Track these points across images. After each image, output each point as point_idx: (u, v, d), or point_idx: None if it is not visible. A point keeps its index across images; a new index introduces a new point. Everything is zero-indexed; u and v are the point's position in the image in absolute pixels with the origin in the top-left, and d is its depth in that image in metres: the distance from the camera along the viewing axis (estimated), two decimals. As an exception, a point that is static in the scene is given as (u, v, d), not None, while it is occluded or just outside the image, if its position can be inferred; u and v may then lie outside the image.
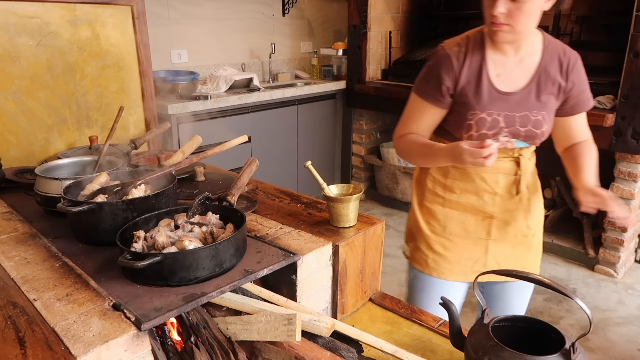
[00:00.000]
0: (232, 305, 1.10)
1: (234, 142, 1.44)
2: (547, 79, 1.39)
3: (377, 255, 1.36)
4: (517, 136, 1.41)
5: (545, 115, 1.41)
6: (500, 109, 1.38)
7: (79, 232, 1.21)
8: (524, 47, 1.38)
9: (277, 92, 3.53)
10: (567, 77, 1.41)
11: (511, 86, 1.39)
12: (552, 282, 0.91)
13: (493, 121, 1.38)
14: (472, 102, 1.38)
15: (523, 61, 1.39)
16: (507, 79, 1.39)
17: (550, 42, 1.42)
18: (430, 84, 1.41)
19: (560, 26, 3.46)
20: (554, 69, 1.40)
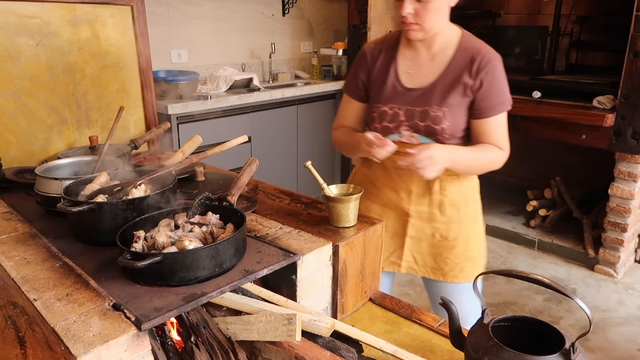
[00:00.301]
0: (232, 305, 1.10)
1: (234, 142, 1.44)
2: (455, 77, 1.40)
3: (377, 255, 1.36)
4: (417, 131, 1.44)
5: (447, 112, 1.40)
6: (402, 103, 1.44)
7: (79, 232, 1.21)
8: (436, 44, 1.43)
9: (277, 92, 3.53)
10: (476, 77, 1.39)
11: (418, 82, 1.44)
12: (552, 282, 0.91)
13: (394, 114, 1.44)
14: (377, 95, 1.48)
15: (434, 58, 1.44)
16: (416, 75, 1.45)
17: (468, 41, 1.43)
18: (350, 79, 1.56)
19: (560, 26, 3.47)
20: (464, 66, 1.40)
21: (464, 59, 1.40)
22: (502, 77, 1.42)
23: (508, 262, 3.32)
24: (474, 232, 1.56)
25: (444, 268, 1.55)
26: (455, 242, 1.53)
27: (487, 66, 1.38)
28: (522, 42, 3.69)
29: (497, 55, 1.42)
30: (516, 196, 4.02)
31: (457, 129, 1.43)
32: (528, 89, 3.19)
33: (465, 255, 1.54)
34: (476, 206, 1.58)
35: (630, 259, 3.28)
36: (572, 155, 3.87)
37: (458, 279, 1.56)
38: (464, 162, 1.41)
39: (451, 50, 1.42)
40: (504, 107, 1.43)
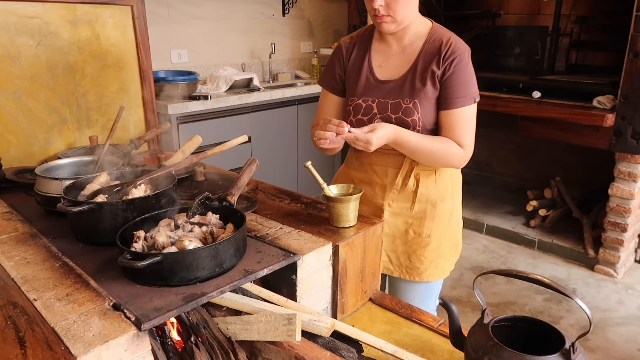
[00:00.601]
0: (232, 305, 1.10)
1: (234, 142, 1.44)
2: (424, 67, 1.41)
3: (377, 255, 1.36)
4: (390, 123, 1.42)
5: (418, 103, 1.40)
6: (375, 96, 1.45)
7: (79, 232, 1.21)
8: (407, 36, 1.44)
9: (277, 92, 3.53)
10: (442, 65, 1.38)
11: (390, 75, 1.45)
12: (552, 282, 0.91)
13: (367, 107, 1.46)
14: (352, 89, 1.50)
15: (405, 50, 1.45)
16: (388, 68, 1.46)
17: (438, 32, 1.43)
18: (327, 73, 1.58)
19: (560, 26, 3.47)
20: (432, 56, 1.40)
21: (433, 49, 1.40)
22: (468, 70, 1.39)
23: (508, 262, 3.32)
24: (448, 229, 1.55)
25: (419, 267, 1.54)
26: (429, 239, 1.52)
27: (452, 56, 1.37)
28: (522, 42, 3.69)
29: (465, 47, 1.40)
30: (516, 196, 4.02)
31: (430, 122, 1.42)
32: (528, 89, 3.19)
33: (438, 251, 1.54)
34: (454, 202, 1.56)
35: (630, 259, 3.28)
36: (572, 155, 3.88)
37: (433, 277, 1.55)
38: (410, 147, 1.38)
39: (420, 42, 1.43)
40: (467, 102, 1.40)
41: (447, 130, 1.42)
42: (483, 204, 3.95)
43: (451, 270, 1.61)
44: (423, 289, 1.59)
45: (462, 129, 1.42)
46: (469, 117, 1.42)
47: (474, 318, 1.56)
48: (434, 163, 1.46)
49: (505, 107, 3.20)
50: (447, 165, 1.47)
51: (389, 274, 1.59)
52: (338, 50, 1.55)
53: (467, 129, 1.43)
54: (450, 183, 1.53)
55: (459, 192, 1.59)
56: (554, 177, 3.66)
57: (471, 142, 1.45)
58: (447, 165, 1.47)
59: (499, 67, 3.81)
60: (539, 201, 3.64)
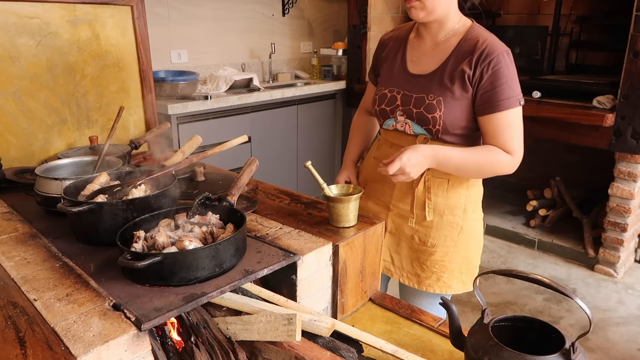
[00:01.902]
0: (232, 305, 1.10)
1: (234, 142, 1.44)
2: (454, 66, 1.37)
3: (377, 255, 1.36)
4: (411, 117, 1.42)
5: (442, 101, 1.35)
6: (401, 88, 1.45)
7: (79, 232, 1.21)
8: (442, 32, 1.42)
9: (277, 92, 3.52)
10: (476, 68, 1.32)
11: (421, 69, 1.44)
12: (552, 282, 0.91)
13: (391, 98, 1.46)
14: (382, 79, 1.52)
15: (438, 47, 1.43)
16: (420, 62, 1.45)
17: (475, 32, 1.39)
18: (371, 66, 1.64)
19: (560, 26, 3.47)
20: (465, 55, 1.35)
21: (467, 48, 1.36)
22: (509, 72, 1.32)
23: (508, 262, 3.32)
24: (457, 243, 1.47)
25: (420, 274, 1.50)
26: (434, 249, 1.47)
27: (488, 58, 1.31)
28: (522, 42, 3.69)
29: (504, 48, 1.33)
30: (516, 196, 4.02)
31: (453, 123, 1.36)
32: (528, 89, 3.19)
33: (443, 264, 1.48)
34: (466, 217, 1.47)
35: (630, 258, 3.28)
36: (572, 155, 3.87)
37: (433, 288, 1.50)
38: (453, 165, 1.33)
39: (456, 40, 1.39)
40: (511, 104, 1.31)
41: (492, 136, 1.34)
42: (483, 204, 3.94)
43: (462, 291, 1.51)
44: (423, 298, 1.54)
45: (508, 134, 1.33)
46: (514, 121, 1.34)
47: (474, 318, 1.57)
48: (481, 176, 1.41)
49: (505, 107, 3.19)
50: (496, 174, 1.38)
51: (389, 275, 1.57)
52: (378, 45, 1.60)
53: (513, 133, 1.34)
54: (464, 196, 1.45)
55: (474, 207, 1.50)
56: (554, 177, 3.66)
57: (520, 147, 1.36)
58: (495, 175, 1.38)
59: (499, 67, 3.80)
60: (539, 201, 3.64)
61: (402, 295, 1.64)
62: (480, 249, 1.56)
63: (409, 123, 1.42)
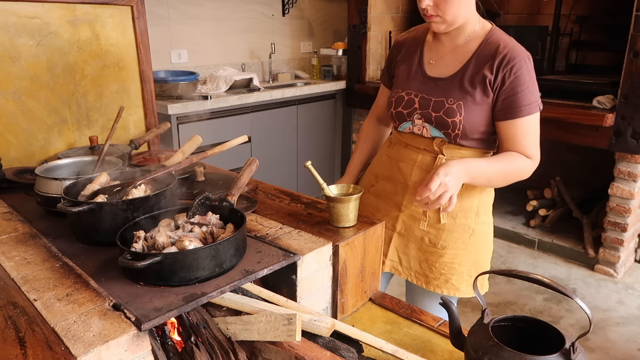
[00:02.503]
0: (232, 305, 1.10)
1: (234, 142, 1.44)
2: (475, 70, 1.35)
3: (377, 255, 1.36)
4: (429, 121, 1.40)
5: (463, 105, 1.35)
6: (419, 91, 1.43)
7: (79, 232, 1.21)
8: (461, 36, 1.40)
9: (277, 92, 3.53)
10: (497, 73, 1.32)
11: (439, 72, 1.42)
12: (552, 282, 0.91)
13: (409, 101, 1.43)
14: (399, 80, 1.49)
15: (457, 50, 1.41)
16: (438, 66, 1.43)
17: (495, 36, 1.37)
18: (384, 68, 1.61)
19: (560, 26, 3.47)
20: (486, 60, 1.34)
21: (488, 53, 1.34)
22: (530, 77, 1.32)
23: (508, 262, 3.33)
24: (468, 246, 1.47)
25: (428, 275, 1.50)
26: (444, 251, 1.47)
27: (511, 63, 1.30)
28: (522, 42, 3.68)
29: (525, 53, 1.34)
30: (516, 196, 4.02)
31: (472, 128, 1.35)
32: (528, 89, 3.18)
33: (452, 266, 1.48)
34: (478, 220, 1.48)
35: (630, 258, 3.28)
36: (572, 155, 3.87)
37: (441, 289, 1.50)
38: (484, 177, 1.35)
39: (476, 43, 1.37)
40: (532, 110, 1.32)
41: (512, 142, 1.35)
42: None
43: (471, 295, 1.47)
44: (430, 298, 1.54)
45: (528, 139, 1.34)
46: (534, 126, 1.35)
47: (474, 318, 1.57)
48: (507, 183, 1.40)
49: (505, 107, 3.19)
50: (519, 180, 1.40)
51: (397, 274, 1.57)
52: (393, 46, 1.58)
53: (533, 138, 1.35)
54: (477, 199, 1.47)
55: (486, 210, 1.51)
56: (554, 177, 3.66)
57: (538, 151, 1.38)
58: (518, 180, 1.40)
59: (499, 67, 3.80)
60: (539, 201, 3.64)
61: (409, 294, 1.64)
62: (490, 253, 1.56)
63: (427, 127, 1.41)
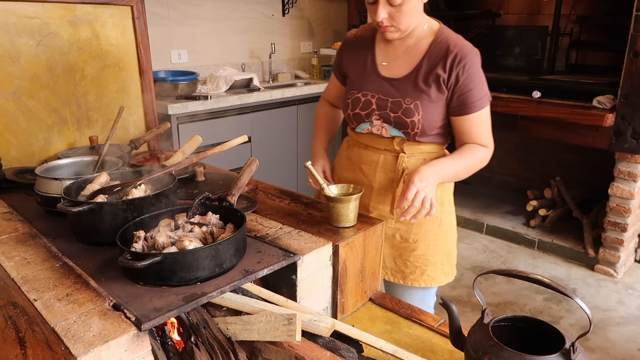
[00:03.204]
0: (232, 305, 1.10)
1: (234, 142, 1.44)
2: (428, 69, 1.39)
3: (377, 255, 1.36)
4: (388, 121, 1.44)
5: (420, 105, 1.39)
6: (376, 92, 1.45)
7: (79, 232, 1.21)
8: (412, 38, 1.43)
9: (277, 92, 3.53)
10: (451, 71, 1.37)
11: (393, 73, 1.45)
12: (552, 282, 0.91)
13: (366, 102, 1.46)
14: (353, 82, 1.50)
15: (409, 51, 1.44)
16: (391, 66, 1.45)
17: (444, 35, 1.42)
18: (335, 62, 1.63)
19: (560, 26, 3.47)
20: (438, 59, 1.39)
21: (439, 52, 1.39)
22: (480, 73, 1.39)
23: (508, 262, 3.33)
24: (438, 236, 1.52)
25: (404, 270, 1.53)
26: (415, 245, 1.51)
27: (462, 61, 1.36)
28: (522, 42, 3.69)
29: (474, 50, 1.40)
30: (516, 196, 4.02)
31: (430, 125, 1.41)
32: (528, 89, 3.19)
33: (426, 258, 1.52)
34: (443, 210, 1.53)
35: (630, 258, 3.28)
36: (572, 155, 3.87)
37: (418, 282, 1.54)
38: (452, 174, 1.42)
39: (426, 43, 1.42)
40: (484, 103, 1.41)
41: (469, 134, 1.42)
42: (483, 204, 3.95)
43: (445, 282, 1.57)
44: (409, 293, 1.57)
45: (483, 130, 1.43)
46: (487, 117, 1.43)
47: (474, 318, 1.57)
48: (470, 174, 1.46)
49: (505, 107, 3.20)
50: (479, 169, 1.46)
51: None
52: (344, 43, 1.59)
53: (487, 128, 1.44)
54: (440, 190, 1.50)
55: (449, 200, 1.57)
56: (554, 177, 3.66)
57: (492, 139, 1.46)
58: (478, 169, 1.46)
59: (499, 67, 3.81)
60: (539, 201, 3.64)
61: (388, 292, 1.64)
62: (456, 240, 1.63)
63: (386, 127, 1.45)
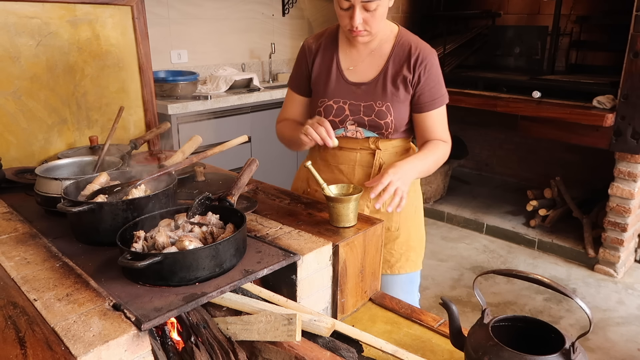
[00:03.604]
0: (232, 305, 1.10)
1: (234, 142, 1.44)
2: (395, 71, 1.45)
3: (377, 255, 1.36)
4: (362, 125, 1.48)
5: (390, 106, 1.45)
6: (347, 98, 1.48)
7: (79, 232, 1.21)
8: (375, 41, 1.47)
9: (277, 92, 3.52)
10: (414, 71, 1.44)
11: (360, 77, 1.48)
12: (552, 282, 0.91)
13: (339, 109, 1.48)
14: (322, 90, 1.51)
15: (373, 54, 1.48)
16: (358, 71, 1.49)
17: (404, 36, 1.48)
18: (294, 74, 1.60)
19: (560, 26, 3.47)
20: (402, 61, 1.45)
21: (402, 53, 1.45)
22: (439, 72, 1.47)
23: (508, 262, 3.33)
24: (414, 222, 1.61)
25: (390, 260, 1.58)
26: (398, 233, 1.57)
27: (424, 61, 1.43)
28: (522, 42, 3.69)
29: (432, 51, 1.47)
30: (516, 196, 4.02)
31: (401, 124, 1.48)
32: (528, 89, 3.19)
33: (408, 244, 1.59)
34: (416, 196, 1.62)
35: (630, 258, 3.28)
36: (572, 155, 3.87)
37: (405, 269, 1.60)
38: (425, 170, 1.47)
39: (389, 45, 1.47)
40: (443, 101, 1.48)
41: (430, 131, 1.49)
42: (483, 204, 3.95)
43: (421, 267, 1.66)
44: (398, 281, 1.62)
45: (442, 126, 1.51)
46: (443, 115, 1.51)
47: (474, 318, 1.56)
48: (435, 170, 1.52)
49: (505, 107, 3.20)
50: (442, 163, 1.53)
51: None
52: (303, 51, 1.56)
53: (444, 125, 1.52)
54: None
55: (417, 187, 1.66)
56: (554, 177, 3.66)
57: (449, 136, 1.53)
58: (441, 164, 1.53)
59: (499, 67, 3.81)
60: (539, 201, 3.64)
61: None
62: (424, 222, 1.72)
63: (360, 130, 1.49)
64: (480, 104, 3.33)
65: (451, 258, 3.35)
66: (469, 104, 3.35)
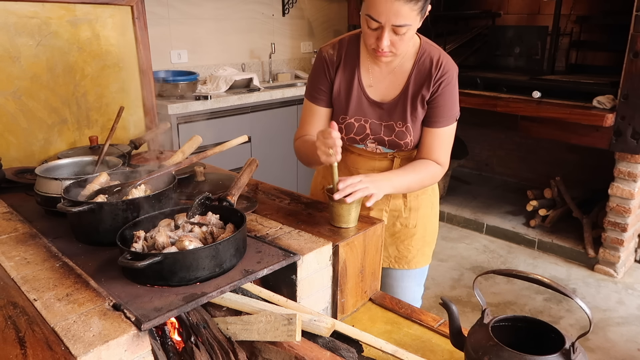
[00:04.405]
0: (232, 305, 1.10)
1: (234, 142, 1.44)
2: (414, 91, 1.41)
3: (377, 255, 1.36)
4: (382, 144, 1.47)
5: (410, 126, 1.43)
6: (368, 117, 1.45)
7: (79, 232, 1.21)
8: (397, 59, 1.41)
9: (277, 92, 3.52)
10: (432, 87, 1.39)
11: (381, 96, 1.44)
12: (552, 282, 0.91)
13: (360, 127, 1.46)
14: (344, 107, 1.46)
15: (395, 72, 1.43)
16: (379, 89, 1.44)
17: (426, 51, 1.41)
18: (312, 85, 1.49)
19: (560, 26, 3.47)
20: (423, 79, 1.40)
21: (423, 71, 1.40)
22: (455, 90, 1.41)
23: (508, 262, 3.33)
24: (430, 218, 1.62)
25: (407, 256, 1.60)
26: (415, 230, 1.58)
27: (443, 76, 1.38)
28: (522, 42, 3.69)
29: (454, 67, 1.41)
30: (516, 196, 4.02)
31: (417, 140, 1.47)
32: (528, 89, 3.19)
33: (424, 240, 1.61)
34: (434, 193, 1.62)
35: (630, 258, 3.28)
36: (572, 155, 3.87)
37: (421, 263, 1.62)
38: (404, 186, 1.43)
39: (410, 63, 1.41)
40: (450, 121, 1.43)
41: (427, 148, 1.44)
42: (483, 204, 3.95)
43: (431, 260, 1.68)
44: (412, 275, 1.64)
45: (442, 148, 1.44)
46: (449, 136, 1.45)
47: (474, 318, 1.57)
48: (421, 188, 1.51)
49: (505, 107, 3.20)
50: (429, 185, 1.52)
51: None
52: (322, 61, 1.46)
53: (446, 147, 1.45)
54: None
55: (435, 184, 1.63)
56: (554, 177, 3.66)
57: (448, 160, 1.48)
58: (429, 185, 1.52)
59: (499, 67, 3.81)
60: (539, 201, 3.64)
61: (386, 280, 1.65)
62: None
63: (380, 148, 1.49)
64: (480, 104, 3.33)
65: (451, 258, 3.35)
66: (469, 104, 3.35)
